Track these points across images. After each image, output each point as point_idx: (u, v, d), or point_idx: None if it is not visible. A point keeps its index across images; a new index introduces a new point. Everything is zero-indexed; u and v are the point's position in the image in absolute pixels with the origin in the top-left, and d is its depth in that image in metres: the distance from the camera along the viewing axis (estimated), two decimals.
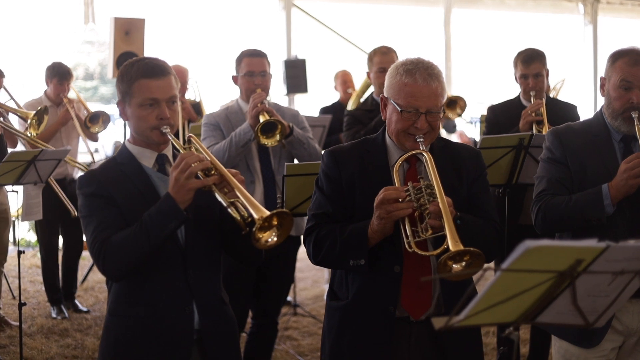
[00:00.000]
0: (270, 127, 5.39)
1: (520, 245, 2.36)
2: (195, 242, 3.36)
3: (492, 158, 5.05)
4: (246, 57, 5.67)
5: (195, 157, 3.18)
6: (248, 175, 5.54)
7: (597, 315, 2.75)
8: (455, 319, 2.59)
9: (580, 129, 4.03)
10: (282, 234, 3.19)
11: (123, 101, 3.39)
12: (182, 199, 3.17)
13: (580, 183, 3.88)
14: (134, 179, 3.36)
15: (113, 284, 3.41)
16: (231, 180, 3.18)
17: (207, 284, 3.42)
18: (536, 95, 5.92)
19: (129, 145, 3.45)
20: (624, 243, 2.50)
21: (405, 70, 3.53)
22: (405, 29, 13.49)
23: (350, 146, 3.73)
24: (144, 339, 3.33)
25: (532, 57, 6.05)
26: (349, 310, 3.59)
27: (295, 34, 12.79)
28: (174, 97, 3.37)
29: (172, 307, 3.34)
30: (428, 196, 3.35)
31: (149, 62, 3.36)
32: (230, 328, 3.53)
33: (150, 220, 3.19)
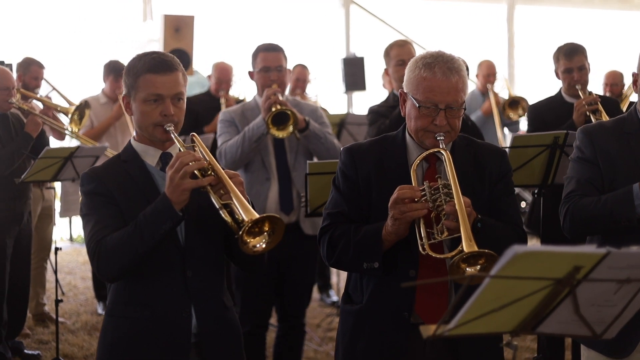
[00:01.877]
0: (282, 118, 5.25)
1: (508, 251, 2.21)
2: (195, 243, 3.25)
3: (524, 157, 4.86)
4: (262, 51, 5.49)
5: (191, 157, 3.07)
6: (263, 172, 5.42)
7: (606, 326, 2.57)
8: (445, 327, 2.46)
9: (612, 126, 3.82)
10: (272, 242, 3.07)
11: (128, 95, 3.31)
12: (178, 199, 3.06)
13: (611, 183, 3.68)
14: (136, 177, 3.28)
15: (112, 284, 3.34)
16: (227, 182, 3.07)
17: (207, 286, 3.32)
18: (582, 89, 5.70)
19: (134, 142, 3.38)
20: (626, 249, 2.32)
21: (424, 64, 3.37)
22: (466, 26, 13.29)
23: (368, 143, 3.59)
24: (140, 341, 3.25)
25: (575, 50, 5.86)
26: (362, 315, 3.45)
27: (353, 31, 12.71)
28: (180, 93, 3.27)
29: (169, 309, 3.25)
30: (445, 196, 3.19)
31: (156, 57, 3.27)
32: (231, 333, 3.42)
33: (144, 221, 3.10)
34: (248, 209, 3.01)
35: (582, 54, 5.89)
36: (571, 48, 5.91)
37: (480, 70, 9.35)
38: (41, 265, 7.65)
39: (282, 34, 12.67)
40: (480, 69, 9.36)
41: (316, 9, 12.91)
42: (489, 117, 8.77)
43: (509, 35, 13.37)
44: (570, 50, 5.88)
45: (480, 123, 8.73)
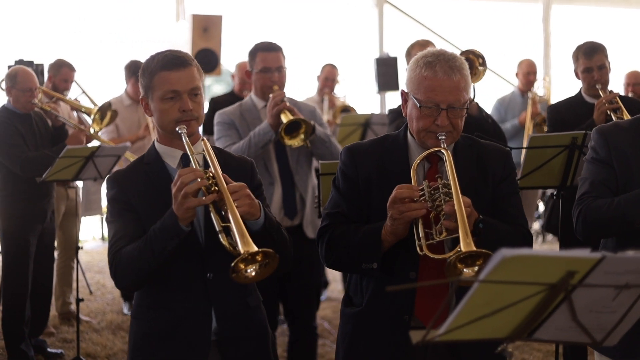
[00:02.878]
0: (293, 126, 5.17)
1: (496, 254, 2.14)
2: (216, 245, 3.16)
3: (542, 158, 4.75)
4: (261, 51, 5.37)
5: (192, 176, 3.03)
6: (266, 177, 5.34)
7: (606, 333, 2.48)
8: (435, 333, 2.39)
9: (629, 126, 3.71)
10: (262, 274, 3.01)
11: (146, 96, 3.30)
12: (183, 216, 3.04)
13: (626, 184, 3.58)
14: (157, 181, 3.27)
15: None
16: (229, 202, 3.01)
17: (228, 288, 3.28)
18: (602, 89, 5.58)
19: (157, 144, 3.37)
20: (622, 253, 2.23)
21: (425, 63, 3.30)
22: (501, 26, 13.15)
23: (369, 143, 3.53)
24: (161, 344, 3.27)
25: (594, 49, 5.74)
26: (362, 318, 3.40)
27: (387, 31, 12.63)
28: (197, 88, 3.25)
29: (189, 311, 3.26)
30: (444, 196, 3.12)
31: (168, 54, 3.26)
32: (255, 332, 3.41)
33: (154, 236, 3.10)
34: (245, 238, 2.94)
35: (602, 52, 5.77)
36: (590, 47, 5.80)
37: (520, 69, 9.19)
38: (68, 265, 7.69)
39: (315, 34, 12.65)
40: (520, 68, 9.20)
41: (349, 9, 12.84)
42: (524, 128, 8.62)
43: (545, 35, 13.18)
44: (590, 49, 5.76)
45: (515, 131, 8.59)
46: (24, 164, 6.19)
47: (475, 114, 5.56)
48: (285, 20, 12.41)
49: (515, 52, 12.77)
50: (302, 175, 5.33)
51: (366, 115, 7.65)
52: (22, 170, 6.21)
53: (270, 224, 3.21)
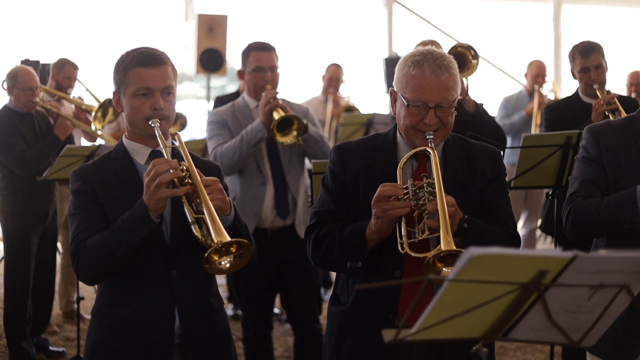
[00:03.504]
0: (286, 123, 5.15)
1: (464, 253, 2.13)
2: (182, 241, 3.19)
3: (536, 158, 4.73)
4: (254, 51, 5.36)
5: (167, 166, 3.03)
6: (258, 176, 5.32)
7: (583, 334, 2.46)
8: (408, 332, 2.38)
9: (621, 125, 3.69)
10: (236, 265, 3.00)
11: (118, 91, 3.27)
12: (154, 207, 3.03)
13: (616, 184, 3.55)
14: (123, 176, 3.25)
15: (99, 285, 3.33)
16: (202, 193, 3.01)
17: (192, 287, 3.26)
18: (600, 89, 5.53)
19: (125, 140, 3.34)
20: (594, 253, 2.22)
21: (413, 62, 3.29)
22: (512, 26, 13.08)
23: (358, 142, 3.52)
24: (122, 342, 3.22)
25: (591, 48, 5.69)
26: (348, 317, 3.38)
27: (396, 31, 12.59)
28: (170, 87, 3.23)
29: (152, 309, 3.21)
30: (429, 195, 3.11)
31: (144, 51, 3.24)
32: (218, 334, 3.36)
33: (122, 226, 3.07)
34: (219, 228, 2.94)
35: (599, 52, 5.71)
36: (587, 46, 5.74)
37: (529, 70, 9.14)
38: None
39: (324, 34, 12.64)
40: (529, 69, 9.15)
41: (358, 9, 12.82)
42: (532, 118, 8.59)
43: (556, 35, 13.11)
44: (586, 49, 5.71)
45: (523, 123, 8.56)
46: (22, 162, 6.21)
47: (471, 110, 5.51)
48: (294, 20, 12.40)
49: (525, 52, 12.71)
50: (294, 175, 5.32)
51: (368, 114, 7.64)
52: (22, 169, 6.22)
53: (239, 223, 3.21)
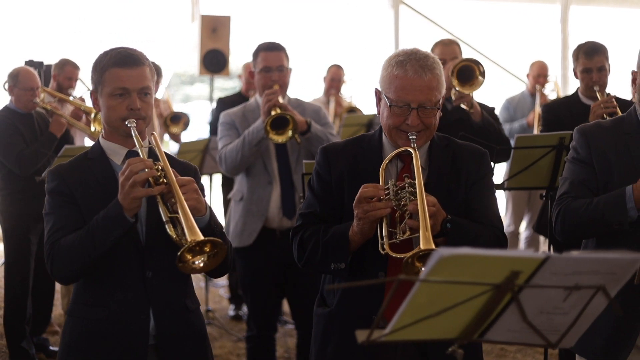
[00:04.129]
0: (281, 122, 5.15)
1: (434, 254, 2.12)
2: (157, 242, 3.20)
3: (529, 158, 4.71)
4: (262, 51, 5.39)
5: (141, 165, 3.04)
6: (265, 176, 5.35)
7: (560, 335, 2.45)
8: (381, 332, 2.37)
9: (611, 126, 3.67)
10: (210, 264, 3.01)
11: (96, 91, 3.29)
12: (129, 207, 3.04)
13: (606, 185, 3.54)
14: (99, 176, 3.25)
15: (75, 284, 3.33)
16: (177, 193, 3.02)
17: (168, 288, 3.27)
18: (600, 91, 5.50)
19: (102, 140, 3.35)
20: (567, 254, 2.20)
21: (397, 62, 3.29)
22: (519, 27, 13.02)
23: (344, 143, 3.52)
24: (96, 342, 3.22)
25: (595, 50, 5.66)
26: (332, 318, 3.39)
27: (403, 32, 12.55)
28: (147, 88, 3.23)
29: (126, 310, 3.21)
30: (410, 195, 3.10)
31: (122, 51, 3.24)
32: (193, 335, 3.36)
33: (96, 226, 3.08)
34: (193, 227, 2.94)
35: (603, 54, 5.68)
36: (592, 47, 5.71)
37: (531, 70, 9.13)
38: None
39: (330, 35, 12.63)
40: (531, 70, 9.14)
41: (365, 10, 12.79)
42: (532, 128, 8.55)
43: (563, 36, 13.02)
44: (591, 50, 5.68)
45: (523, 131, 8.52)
46: (21, 161, 6.21)
47: (478, 121, 5.54)
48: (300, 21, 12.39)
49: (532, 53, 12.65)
50: (301, 175, 5.32)
51: (369, 115, 7.62)
52: (20, 168, 6.23)
53: (215, 223, 3.20)
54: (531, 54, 12.59)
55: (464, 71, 5.67)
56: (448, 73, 5.70)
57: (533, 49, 12.77)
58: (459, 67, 5.67)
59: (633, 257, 2.25)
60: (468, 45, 12.35)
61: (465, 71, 5.67)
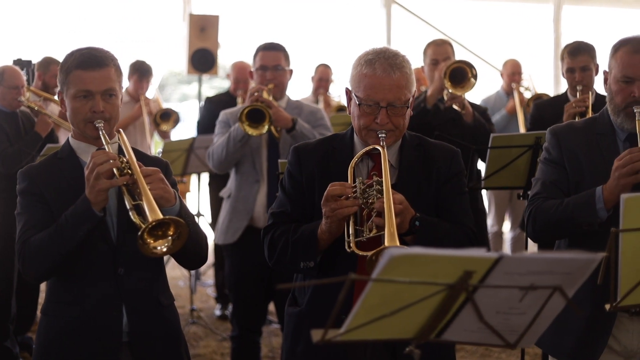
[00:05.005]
0: (259, 115, 5.17)
1: (385, 253, 2.12)
2: (128, 238, 3.21)
3: (506, 158, 4.71)
4: (261, 50, 5.46)
5: (104, 157, 3.06)
6: (253, 174, 5.37)
7: (518, 335, 2.44)
8: (336, 332, 2.37)
9: (583, 127, 3.67)
10: (174, 247, 3.04)
11: (62, 91, 3.30)
12: (96, 200, 3.05)
13: (577, 185, 3.54)
14: (69, 175, 3.26)
15: (47, 283, 3.33)
16: (140, 181, 3.04)
17: (140, 284, 3.28)
18: (583, 90, 5.51)
19: (71, 139, 3.37)
20: (520, 254, 2.20)
21: (366, 61, 3.30)
22: (511, 27, 12.99)
23: (316, 143, 3.52)
24: (70, 340, 3.23)
25: (579, 49, 5.66)
26: (303, 318, 3.38)
27: (395, 31, 12.54)
28: (111, 89, 3.24)
29: (99, 307, 3.22)
30: (377, 193, 3.11)
31: (86, 53, 3.26)
32: (167, 331, 3.37)
33: (65, 222, 3.09)
34: (154, 209, 2.96)
35: (588, 53, 5.68)
36: (576, 47, 5.72)
37: (504, 69, 9.15)
38: None
39: (322, 35, 12.62)
40: (504, 68, 9.16)
41: (357, 9, 12.77)
42: (514, 116, 8.58)
43: (556, 36, 13.00)
44: (575, 49, 5.69)
45: (505, 122, 8.55)
46: (4, 160, 6.21)
47: (469, 122, 5.55)
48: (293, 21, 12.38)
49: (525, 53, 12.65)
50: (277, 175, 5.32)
51: None
52: (3, 166, 6.23)
53: (186, 214, 3.20)
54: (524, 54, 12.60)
55: (457, 73, 5.71)
56: (441, 74, 5.73)
57: (526, 49, 12.77)
58: (452, 68, 5.70)
59: (588, 257, 2.24)
60: (460, 45, 12.33)
61: (458, 73, 5.70)
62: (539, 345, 3.74)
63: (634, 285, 2.80)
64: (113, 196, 3.20)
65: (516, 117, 8.47)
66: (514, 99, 8.64)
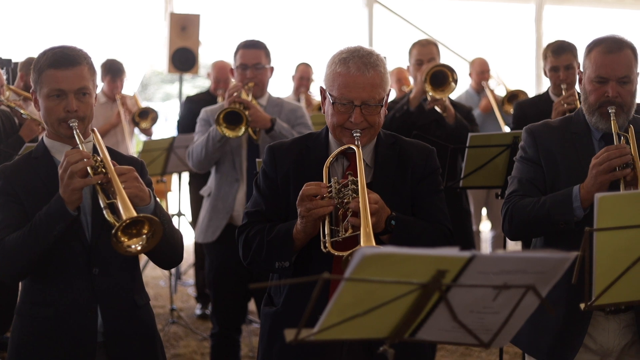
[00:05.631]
0: (237, 117, 5.16)
1: (357, 253, 2.11)
2: (103, 238, 3.19)
3: (484, 158, 4.72)
4: (241, 48, 5.44)
5: (78, 155, 3.05)
6: (233, 173, 5.37)
7: (492, 335, 2.44)
8: (309, 332, 2.36)
9: (559, 125, 3.69)
10: (149, 245, 3.03)
11: (35, 91, 3.28)
12: (70, 199, 3.04)
13: (553, 184, 3.55)
14: (43, 175, 3.25)
15: (22, 283, 3.32)
16: (114, 180, 3.03)
17: (115, 285, 3.27)
18: (568, 89, 5.54)
19: (45, 139, 3.35)
20: (493, 253, 2.20)
21: (340, 60, 3.29)
22: (493, 26, 13.03)
23: (291, 142, 3.51)
24: (45, 341, 3.21)
25: (563, 48, 5.70)
26: (278, 317, 3.37)
27: (377, 31, 12.55)
28: (85, 88, 3.22)
29: (74, 308, 3.21)
30: (353, 193, 3.10)
31: (58, 52, 3.24)
32: (142, 331, 3.36)
33: (39, 221, 3.08)
34: (128, 207, 2.95)
35: (571, 52, 5.72)
36: (559, 45, 5.76)
37: (472, 68, 9.15)
38: None
39: (304, 34, 12.61)
40: (472, 67, 9.16)
41: (339, 9, 12.77)
42: (488, 115, 8.59)
43: (537, 36, 13.04)
44: (558, 48, 5.72)
45: (479, 121, 8.56)
46: None
47: (452, 124, 5.56)
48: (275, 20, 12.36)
49: (507, 53, 12.69)
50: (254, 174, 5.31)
51: None
52: None
53: (161, 214, 3.20)
54: (506, 53, 12.64)
55: (438, 75, 5.69)
56: (422, 78, 5.72)
57: (507, 49, 12.82)
58: (433, 71, 5.69)
59: (561, 256, 2.24)
60: (443, 45, 12.33)
61: (439, 76, 5.69)
62: (516, 344, 3.75)
63: (608, 285, 2.79)
64: (87, 195, 3.19)
65: (491, 115, 8.48)
66: (487, 97, 8.65)
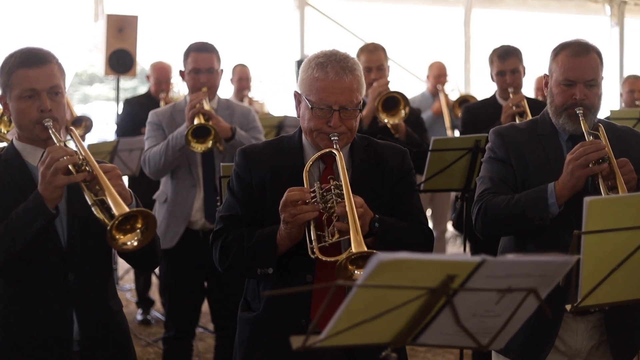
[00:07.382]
0: (204, 131, 5.12)
1: (372, 259, 2.11)
2: (78, 244, 3.14)
3: (445, 161, 4.77)
4: (193, 51, 5.35)
5: (62, 152, 2.96)
6: (189, 179, 5.33)
7: (491, 337, 2.46)
8: (316, 338, 2.35)
9: (526, 128, 3.76)
10: (144, 239, 2.98)
11: (4, 95, 3.19)
12: (50, 197, 2.96)
13: (524, 184, 3.60)
14: (16, 177, 3.16)
15: None
16: (101, 177, 2.96)
17: (90, 290, 3.20)
18: (515, 92, 5.64)
19: (15, 142, 3.25)
20: (502, 257, 2.22)
21: (317, 64, 3.28)
22: (423, 29, 13.17)
23: (263, 145, 3.50)
24: (20, 348, 3.13)
25: (508, 53, 5.82)
26: (259, 323, 3.34)
27: (308, 33, 12.57)
28: (57, 87, 3.15)
29: (49, 314, 3.13)
30: (337, 197, 3.09)
31: (26, 51, 3.15)
32: (117, 338, 3.31)
33: (16, 219, 2.99)
34: (119, 203, 2.90)
35: (516, 56, 5.84)
36: (505, 50, 5.87)
37: (430, 71, 9.29)
38: None
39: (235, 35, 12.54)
40: (430, 70, 9.30)
41: (271, 11, 12.75)
42: (439, 117, 8.70)
43: (466, 39, 13.25)
44: (504, 53, 5.83)
45: (430, 123, 8.65)
46: None
47: (402, 139, 5.55)
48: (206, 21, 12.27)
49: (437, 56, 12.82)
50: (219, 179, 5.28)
51: (279, 117, 7.60)
52: None
53: None
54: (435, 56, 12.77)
55: (390, 101, 5.63)
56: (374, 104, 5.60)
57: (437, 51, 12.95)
58: (385, 97, 5.62)
59: (565, 259, 2.28)
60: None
61: (392, 101, 5.63)
62: None
63: (594, 286, 2.85)
64: (62, 200, 3.11)
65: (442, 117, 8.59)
66: (439, 100, 8.76)
